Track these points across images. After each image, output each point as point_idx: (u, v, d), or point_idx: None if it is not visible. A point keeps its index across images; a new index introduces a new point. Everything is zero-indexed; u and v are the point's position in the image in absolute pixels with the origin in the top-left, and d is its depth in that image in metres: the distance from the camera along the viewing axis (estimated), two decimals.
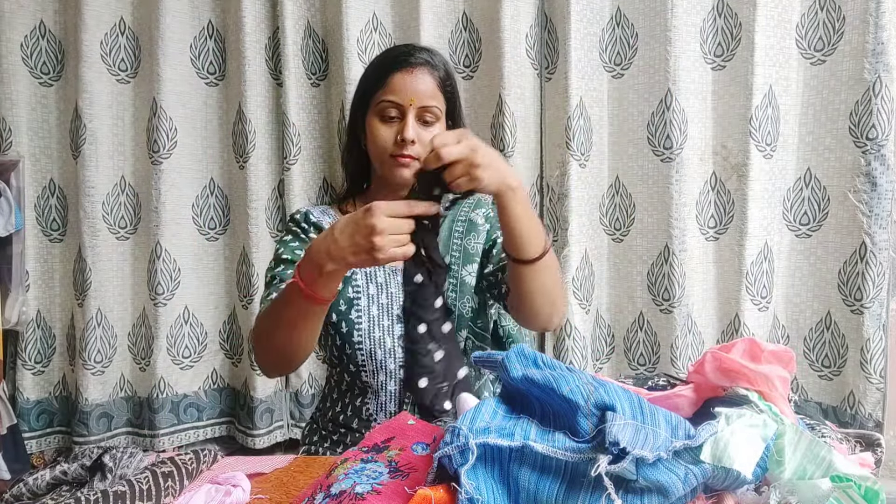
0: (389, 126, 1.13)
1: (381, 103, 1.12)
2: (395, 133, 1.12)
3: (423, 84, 1.14)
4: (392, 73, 1.13)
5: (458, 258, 1.18)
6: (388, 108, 1.12)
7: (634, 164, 1.56)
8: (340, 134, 1.61)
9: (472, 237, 1.20)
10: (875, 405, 1.43)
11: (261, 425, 1.66)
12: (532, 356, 0.66)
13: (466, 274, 1.17)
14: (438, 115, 1.17)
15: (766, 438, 0.64)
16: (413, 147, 1.13)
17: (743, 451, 0.61)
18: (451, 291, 1.16)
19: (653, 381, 0.81)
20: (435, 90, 1.16)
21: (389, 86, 1.12)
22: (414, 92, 1.13)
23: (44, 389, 1.72)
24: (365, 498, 0.58)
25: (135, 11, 1.66)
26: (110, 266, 1.67)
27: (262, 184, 1.63)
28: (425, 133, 1.15)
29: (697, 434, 0.60)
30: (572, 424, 0.58)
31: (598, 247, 1.60)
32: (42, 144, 1.68)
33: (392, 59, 1.16)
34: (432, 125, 1.16)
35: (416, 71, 1.14)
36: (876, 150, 1.41)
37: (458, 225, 1.21)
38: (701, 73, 1.51)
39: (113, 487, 0.68)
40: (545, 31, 1.58)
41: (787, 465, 0.63)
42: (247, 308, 1.67)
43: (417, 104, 1.12)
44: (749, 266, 1.48)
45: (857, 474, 0.60)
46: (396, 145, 1.12)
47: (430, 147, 0.86)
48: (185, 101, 1.65)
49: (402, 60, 1.14)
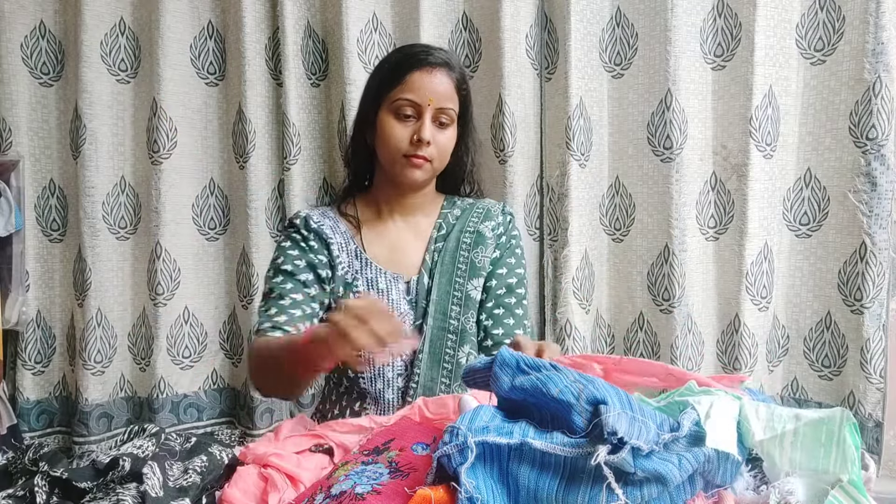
0: (404, 125, 1.11)
1: (398, 101, 1.10)
2: (410, 132, 1.10)
3: (441, 85, 1.12)
4: (411, 71, 1.11)
5: (465, 271, 1.16)
6: (405, 107, 1.10)
7: (634, 164, 1.56)
8: (340, 134, 1.61)
9: (480, 250, 1.17)
10: (875, 405, 1.43)
11: (261, 425, 1.66)
12: (514, 362, 0.65)
13: (472, 288, 1.15)
14: (453, 118, 1.15)
15: (735, 416, 0.68)
16: (428, 149, 1.11)
17: (720, 432, 0.63)
18: (454, 305, 1.14)
19: None
20: (452, 92, 1.14)
21: (407, 84, 1.10)
22: (433, 92, 1.11)
23: (44, 389, 1.71)
24: (365, 498, 0.59)
25: (135, 11, 1.66)
26: (110, 266, 1.67)
27: (262, 184, 1.63)
28: (440, 135, 1.13)
29: (681, 425, 0.61)
30: (568, 423, 0.59)
31: (598, 247, 1.60)
32: (42, 144, 1.68)
33: (411, 56, 1.14)
34: (447, 127, 1.14)
35: (435, 71, 1.12)
36: (876, 150, 1.41)
37: (465, 237, 1.18)
38: (701, 73, 1.51)
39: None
40: (545, 31, 1.58)
41: (755, 430, 0.68)
42: (247, 308, 1.67)
43: (435, 105, 1.11)
44: (749, 266, 1.48)
45: (829, 415, 0.63)
46: (412, 145, 1.10)
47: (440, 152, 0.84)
48: (185, 101, 1.65)
49: (422, 59, 1.12)
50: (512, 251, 1.22)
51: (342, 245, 1.18)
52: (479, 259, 1.17)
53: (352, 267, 1.16)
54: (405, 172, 1.12)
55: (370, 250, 1.19)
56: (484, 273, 1.16)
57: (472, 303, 1.15)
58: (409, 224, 1.23)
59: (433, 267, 1.17)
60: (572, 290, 1.53)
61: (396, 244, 1.21)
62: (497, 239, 1.20)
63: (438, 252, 1.18)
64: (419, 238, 1.22)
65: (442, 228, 1.22)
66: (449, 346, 1.14)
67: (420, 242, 1.22)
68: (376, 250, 1.19)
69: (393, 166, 1.14)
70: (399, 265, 1.18)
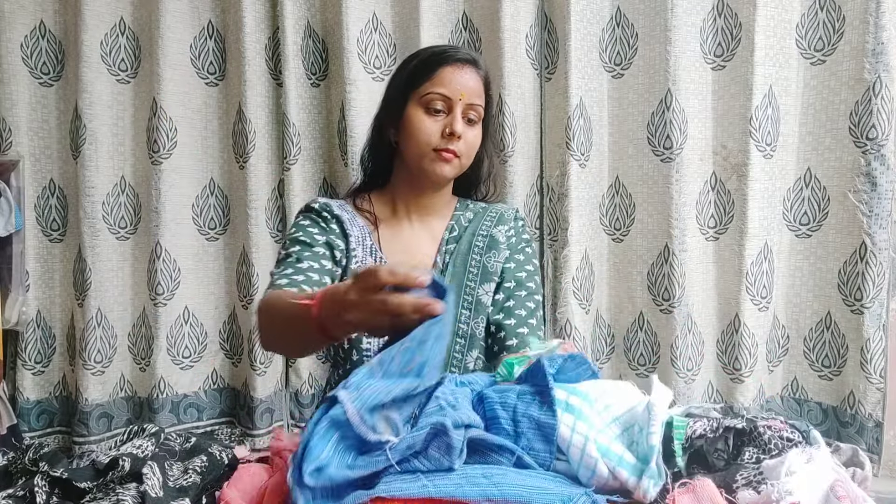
0: (434, 119, 1.10)
1: (429, 95, 1.10)
2: (441, 126, 1.10)
3: (472, 81, 1.13)
4: (441, 65, 1.11)
5: (476, 275, 1.14)
6: (436, 100, 1.10)
7: (634, 164, 1.56)
8: (340, 134, 1.61)
9: (493, 255, 1.16)
10: (875, 405, 1.43)
11: (261, 425, 1.66)
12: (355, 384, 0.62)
13: (483, 293, 1.13)
14: (481, 115, 1.15)
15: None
16: (458, 143, 1.11)
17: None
18: (464, 309, 1.13)
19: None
20: (480, 90, 1.15)
21: (438, 78, 1.10)
22: (464, 87, 1.11)
23: (44, 389, 1.71)
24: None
25: (135, 11, 1.66)
26: (110, 266, 1.67)
27: (262, 184, 1.63)
28: (469, 131, 1.13)
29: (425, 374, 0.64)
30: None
31: (598, 247, 1.60)
32: (42, 144, 1.68)
33: (440, 53, 1.14)
34: (474, 125, 1.14)
35: (465, 67, 1.12)
36: (876, 150, 1.41)
37: (478, 240, 1.17)
38: (701, 73, 1.51)
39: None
40: (545, 31, 1.58)
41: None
42: (247, 308, 1.67)
43: (466, 100, 1.11)
44: (749, 266, 1.48)
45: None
46: (443, 138, 1.10)
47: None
48: (185, 101, 1.65)
49: (451, 56, 1.13)
50: (522, 250, 1.21)
51: (359, 239, 1.16)
52: (492, 264, 1.15)
53: (365, 263, 1.14)
54: (434, 167, 1.11)
55: (385, 249, 1.17)
56: (496, 279, 1.15)
57: (482, 308, 1.13)
58: (424, 225, 1.22)
59: (444, 269, 1.16)
60: (572, 290, 1.53)
61: (410, 245, 1.20)
62: (508, 241, 1.19)
63: (450, 254, 1.17)
64: (432, 240, 1.21)
65: (454, 230, 1.21)
66: (457, 351, 1.13)
67: (432, 244, 1.20)
68: (391, 250, 1.18)
69: (421, 160, 1.12)
70: (409, 265, 1.16)
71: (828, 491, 0.62)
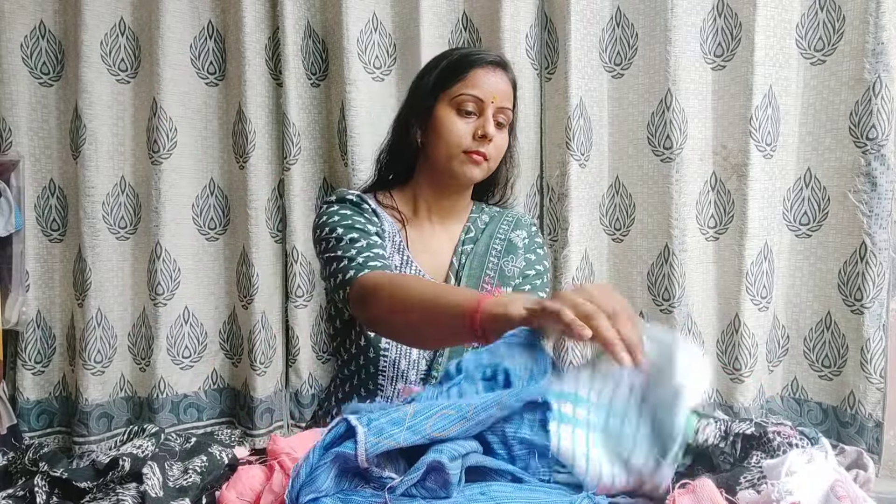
0: (465, 121, 1.10)
1: (461, 96, 1.09)
2: (472, 128, 1.09)
3: (502, 84, 1.13)
4: (473, 67, 1.11)
5: (493, 278, 1.14)
6: (468, 102, 1.09)
7: (634, 164, 1.56)
8: (340, 134, 1.61)
9: (511, 259, 1.16)
10: (875, 405, 1.43)
11: (261, 425, 1.66)
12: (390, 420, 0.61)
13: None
14: (510, 119, 1.15)
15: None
16: (489, 146, 1.11)
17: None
18: None
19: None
20: (510, 94, 1.14)
21: (470, 79, 1.10)
22: (496, 90, 1.11)
23: (44, 389, 1.72)
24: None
25: (135, 11, 1.66)
26: (110, 266, 1.67)
27: (262, 184, 1.63)
28: (498, 135, 1.13)
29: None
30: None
31: (598, 247, 1.60)
32: (42, 144, 1.68)
33: (471, 54, 1.14)
34: (503, 129, 1.14)
35: (497, 70, 1.12)
36: (876, 150, 1.41)
37: (496, 243, 1.17)
38: (701, 73, 1.51)
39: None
40: (545, 31, 1.58)
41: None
42: (247, 308, 1.67)
43: (498, 103, 1.10)
44: (749, 266, 1.48)
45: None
46: (475, 140, 1.09)
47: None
48: (185, 101, 1.65)
49: (483, 58, 1.12)
50: (534, 251, 1.22)
51: (390, 235, 1.15)
52: (510, 268, 1.16)
53: (392, 260, 1.13)
54: (464, 169, 1.11)
55: (412, 248, 1.17)
56: (513, 282, 1.15)
57: None
58: (443, 226, 1.21)
59: (460, 269, 1.16)
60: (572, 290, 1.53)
61: (431, 245, 1.19)
62: (525, 246, 1.20)
63: (466, 255, 1.17)
64: (450, 241, 1.21)
65: (470, 231, 1.21)
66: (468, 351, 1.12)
67: (450, 245, 1.20)
68: (416, 249, 1.17)
69: (450, 162, 1.11)
70: (429, 266, 1.16)
71: (828, 491, 0.61)
